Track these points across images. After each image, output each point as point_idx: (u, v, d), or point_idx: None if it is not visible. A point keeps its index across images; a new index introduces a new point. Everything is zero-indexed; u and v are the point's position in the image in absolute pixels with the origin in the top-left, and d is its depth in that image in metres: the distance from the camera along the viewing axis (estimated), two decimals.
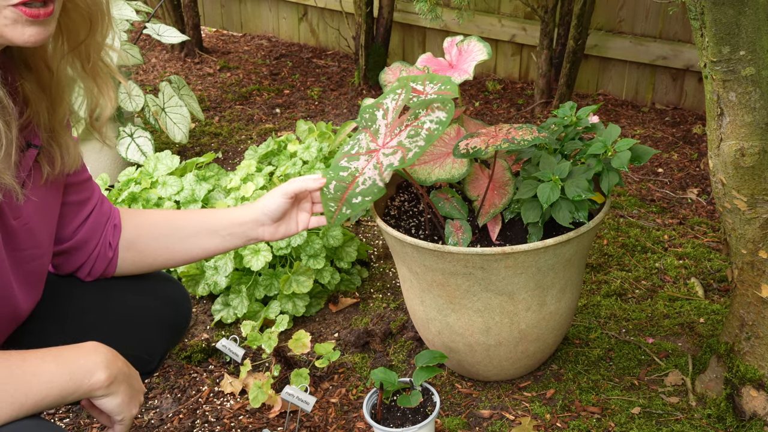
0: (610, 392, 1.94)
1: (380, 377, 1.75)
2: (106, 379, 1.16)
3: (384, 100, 1.58)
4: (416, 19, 4.03)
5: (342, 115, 3.70)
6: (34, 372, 1.11)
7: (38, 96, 1.21)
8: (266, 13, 4.73)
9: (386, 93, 1.58)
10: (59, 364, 1.14)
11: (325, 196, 1.50)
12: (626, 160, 1.69)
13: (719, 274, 2.40)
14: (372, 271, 2.52)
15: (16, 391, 1.09)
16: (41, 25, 1.07)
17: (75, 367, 1.15)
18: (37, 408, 1.11)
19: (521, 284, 1.73)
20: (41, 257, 1.29)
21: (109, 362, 1.17)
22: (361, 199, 1.48)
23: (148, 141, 2.89)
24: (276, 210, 1.50)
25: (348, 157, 1.53)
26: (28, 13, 1.05)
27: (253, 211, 1.52)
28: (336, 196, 1.50)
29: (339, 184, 1.50)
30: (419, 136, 1.49)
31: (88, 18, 1.18)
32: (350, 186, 1.50)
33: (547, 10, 3.38)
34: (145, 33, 3.07)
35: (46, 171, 1.25)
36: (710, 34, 1.45)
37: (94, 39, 1.21)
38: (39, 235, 1.26)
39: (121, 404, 1.19)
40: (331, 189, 1.51)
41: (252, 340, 2.01)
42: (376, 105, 1.58)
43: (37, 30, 1.07)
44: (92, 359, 1.17)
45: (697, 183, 2.96)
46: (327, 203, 1.50)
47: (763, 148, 1.51)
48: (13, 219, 1.18)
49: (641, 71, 3.64)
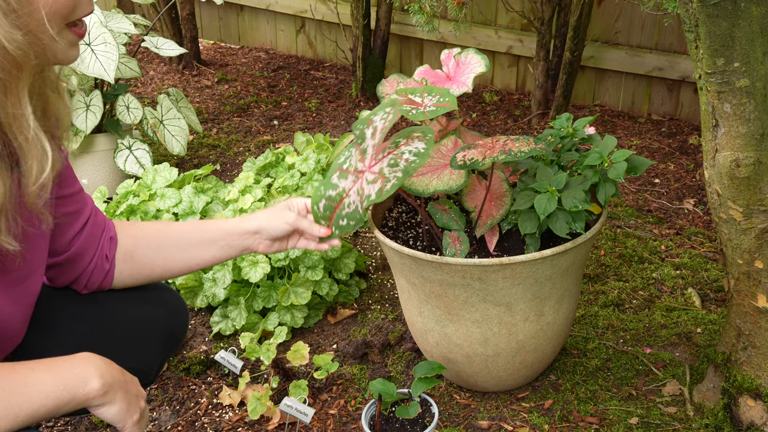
0: (608, 402, 1.94)
1: (379, 388, 1.75)
2: (101, 387, 1.16)
3: (374, 117, 1.56)
4: (413, 31, 4.05)
5: (340, 127, 3.71)
6: (26, 383, 1.11)
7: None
8: (264, 25, 4.74)
9: (376, 110, 1.57)
10: (53, 374, 1.13)
11: (316, 214, 1.51)
12: (622, 171, 1.70)
13: (716, 284, 2.41)
14: (370, 282, 2.52)
15: (9, 402, 1.08)
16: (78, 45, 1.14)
17: (68, 376, 1.14)
18: (32, 420, 1.10)
19: (519, 295, 1.73)
20: (33, 275, 1.28)
21: (103, 370, 1.17)
22: (347, 222, 1.49)
23: (146, 153, 2.89)
24: (278, 233, 1.54)
25: (339, 173, 1.53)
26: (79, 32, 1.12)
27: (254, 225, 1.53)
28: (326, 215, 1.50)
29: (328, 204, 1.51)
30: (398, 166, 1.47)
31: None
32: (338, 206, 1.50)
33: (543, 22, 3.40)
34: (143, 46, 3.09)
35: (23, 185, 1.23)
36: (705, 46, 1.46)
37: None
38: (30, 254, 1.25)
39: (120, 412, 1.19)
40: (321, 208, 1.51)
41: (250, 352, 2.01)
42: (366, 121, 1.56)
43: (77, 49, 1.14)
44: (86, 368, 1.16)
45: (693, 193, 2.98)
46: (318, 221, 1.51)
47: (758, 159, 1.52)
48: None
49: (637, 82, 3.66)
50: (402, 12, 3.99)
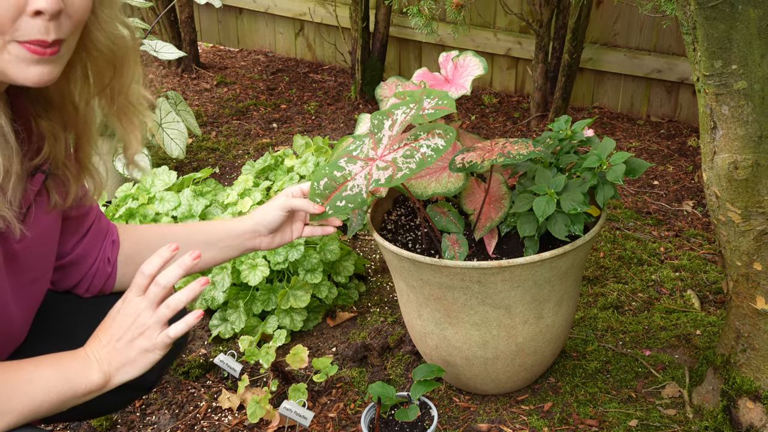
0: (608, 405, 1.94)
1: (378, 391, 1.75)
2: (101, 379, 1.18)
3: (395, 111, 1.60)
4: (412, 33, 4.05)
5: (339, 130, 3.71)
6: (29, 379, 1.12)
7: (59, 133, 1.20)
8: (263, 28, 4.75)
9: (398, 104, 1.60)
10: (55, 370, 1.15)
11: (313, 190, 1.52)
12: (621, 174, 1.70)
13: (715, 286, 2.41)
14: (369, 285, 2.52)
15: (12, 398, 1.09)
16: (46, 64, 1.04)
17: (70, 371, 1.16)
18: (35, 415, 1.12)
19: (518, 297, 1.73)
20: (40, 279, 1.29)
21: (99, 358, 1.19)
22: (345, 204, 1.50)
23: (145, 157, 2.89)
24: (273, 222, 1.55)
25: (348, 158, 1.55)
26: (33, 50, 1.01)
27: (250, 223, 1.54)
28: (323, 193, 1.51)
29: (329, 183, 1.52)
30: (413, 158, 1.50)
31: (113, 62, 1.17)
32: (339, 187, 1.52)
33: (542, 24, 3.40)
34: (142, 49, 3.09)
35: (54, 200, 1.25)
36: (702, 48, 1.46)
37: (120, 82, 1.21)
38: (40, 258, 1.27)
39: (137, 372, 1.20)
40: (321, 185, 1.52)
41: (250, 355, 2.01)
42: (387, 114, 1.60)
43: (42, 70, 1.04)
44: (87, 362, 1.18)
45: (692, 195, 2.98)
46: (313, 197, 1.52)
47: (756, 161, 1.52)
48: (16, 243, 1.19)
49: (636, 84, 3.66)
50: (401, 15, 4.00)
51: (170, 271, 1.19)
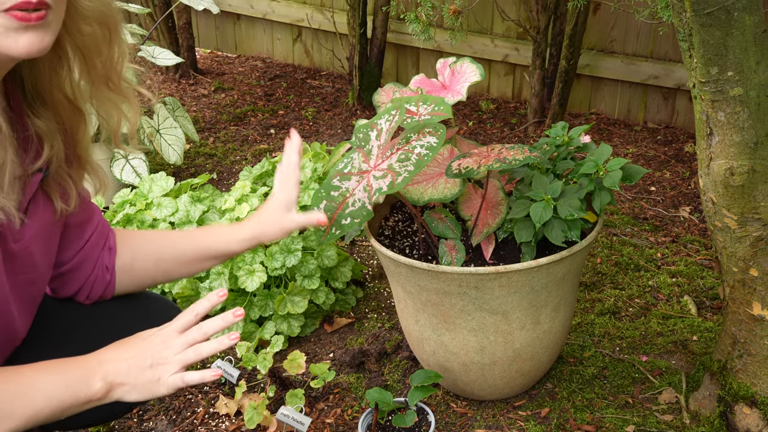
0: (605, 410, 1.94)
1: (375, 397, 1.75)
2: (103, 388, 1.17)
3: (378, 121, 1.60)
4: (410, 39, 4.06)
5: (336, 136, 3.72)
6: (30, 384, 1.12)
7: (55, 132, 1.20)
8: (260, 34, 4.75)
9: (380, 113, 1.60)
10: (56, 376, 1.15)
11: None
12: (618, 180, 1.70)
13: (712, 292, 2.41)
14: (367, 291, 2.53)
15: (12, 404, 1.09)
16: (35, 31, 1.03)
17: (71, 378, 1.16)
18: (35, 420, 1.11)
19: (515, 303, 1.74)
20: (38, 282, 1.29)
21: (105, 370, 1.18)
22: (351, 221, 1.50)
23: (142, 162, 2.90)
24: (275, 240, 1.55)
25: (340, 176, 1.55)
26: (18, 16, 1.00)
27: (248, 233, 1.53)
28: (326, 216, 1.51)
29: (329, 204, 1.52)
30: (409, 160, 1.50)
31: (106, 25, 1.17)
32: (340, 206, 1.51)
33: (539, 31, 3.41)
34: (139, 55, 3.09)
35: (60, 207, 1.25)
36: (698, 55, 1.47)
37: (111, 56, 1.21)
38: (38, 260, 1.26)
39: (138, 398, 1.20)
40: (322, 209, 1.52)
41: (247, 361, 2.01)
42: (370, 125, 1.60)
43: (32, 38, 1.03)
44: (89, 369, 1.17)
45: (689, 201, 2.98)
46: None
47: (752, 167, 1.53)
48: (13, 242, 1.18)
49: (633, 90, 3.67)
50: (398, 21, 4.01)
51: (214, 322, 1.23)
